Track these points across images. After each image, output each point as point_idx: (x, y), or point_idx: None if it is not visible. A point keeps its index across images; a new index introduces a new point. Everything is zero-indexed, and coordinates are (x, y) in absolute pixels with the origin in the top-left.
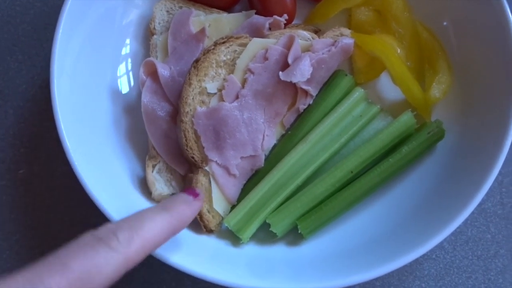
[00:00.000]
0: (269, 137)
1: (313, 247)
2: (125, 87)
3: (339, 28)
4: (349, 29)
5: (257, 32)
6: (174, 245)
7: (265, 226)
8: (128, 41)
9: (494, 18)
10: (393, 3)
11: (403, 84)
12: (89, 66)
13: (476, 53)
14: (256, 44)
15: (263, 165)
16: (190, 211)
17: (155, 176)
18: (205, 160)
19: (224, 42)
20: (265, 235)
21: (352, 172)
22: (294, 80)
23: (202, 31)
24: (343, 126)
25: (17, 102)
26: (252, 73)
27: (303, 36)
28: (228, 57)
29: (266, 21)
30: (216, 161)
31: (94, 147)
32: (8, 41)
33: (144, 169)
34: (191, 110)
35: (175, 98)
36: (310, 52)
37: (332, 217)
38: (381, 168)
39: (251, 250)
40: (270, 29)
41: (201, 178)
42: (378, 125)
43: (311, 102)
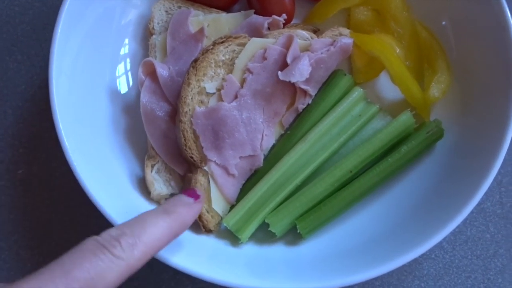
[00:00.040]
0: (268, 136)
1: (312, 247)
2: (124, 87)
3: (338, 27)
4: (348, 28)
5: (256, 32)
6: (173, 245)
7: (264, 226)
8: (127, 41)
9: (493, 17)
10: (392, 2)
11: (402, 83)
12: (88, 66)
13: (475, 52)
14: (255, 44)
15: (262, 165)
16: (191, 213)
17: (154, 176)
18: (204, 160)
19: (223, 42)
20: (264, 235)
21: (351, 171)
22: (293, 80)
23: (201, 31)
24: (342, 126)
25: (16, 102)
26: (251, 73)
27: (302, 35)
28: (227, 57)
29: (265, 20)
30: (215, 161)
31: (93, 147)
32: (7, 41)
33: (143, 169)
34: (190, 110)
35: (174, 98)
36: (309, 52)
37: (331, 216)
38: (380, 168)
39: (250, 250)
40: (269, 28)
41: (200, 178)
42: (377, 124)
43: (310, 101)
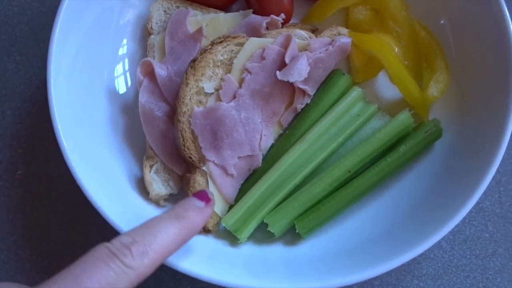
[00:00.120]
0: (266, 136)
1: (311, 246)
2: (122, 87)
3: (337, 27)
4: (346, 28)
5: (254, 32)
6: None
7: (262, 226)
8: (125, 41)
9: (491, 16)
10: (390, 1)
11: (400, 83)
12: (86, 66)
13: (474, 51)
14: (253, 44)
15: (260, 164)
16: (201, 218)
17: (152, 176)
18: (203, 160)
19: (221, 42)
20: (262, 235)
21: (349, 171)
22: (292, 80)
23: (199, 30)
24: (340, 126)
25: (14, 103)
26: (249, 72)
27: (300, 35)
28: (225, 56)
29: (263, 20)
30: (213, 161)
31: (91, 148)
32: (6, 41)
33: (142, 169)
34: (188, 110)
35: (172, 98)
36: (308, 52)
37: (330, 216)
38: (379, 167)
39: (248, 250)
40: (267, 28)
41: (198, 178)
42: (375, 124)
43: (308, 101)
